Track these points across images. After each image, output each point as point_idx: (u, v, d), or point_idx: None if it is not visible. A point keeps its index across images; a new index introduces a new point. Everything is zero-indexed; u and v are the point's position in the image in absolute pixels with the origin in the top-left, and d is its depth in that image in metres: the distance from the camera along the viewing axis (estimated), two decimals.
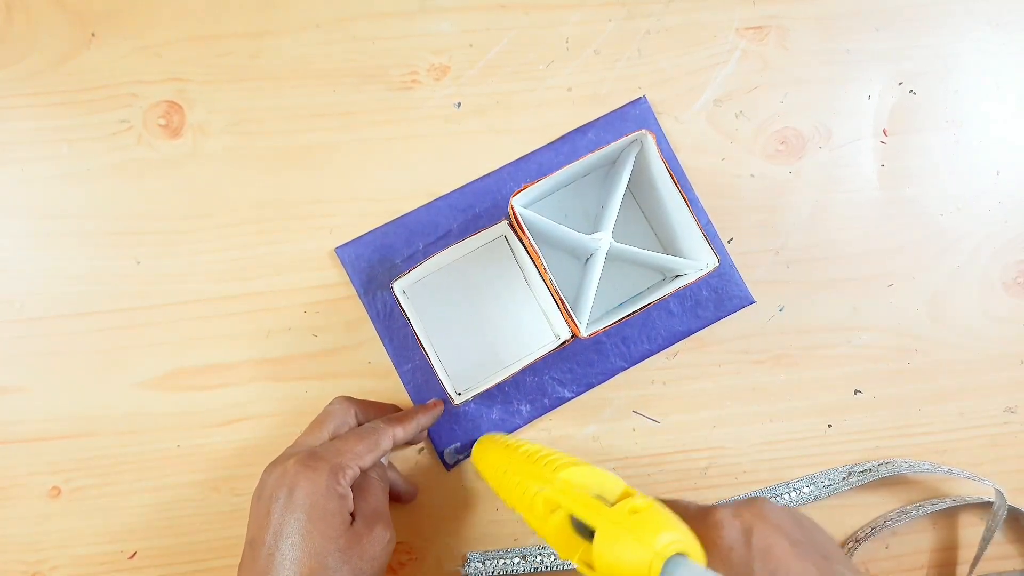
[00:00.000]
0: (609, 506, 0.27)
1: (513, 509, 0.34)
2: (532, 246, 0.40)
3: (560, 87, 0.47)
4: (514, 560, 0.45)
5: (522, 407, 0.46)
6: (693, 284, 0.42)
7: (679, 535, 0.24)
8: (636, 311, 0.40)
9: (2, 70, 0.46)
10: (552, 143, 0.47)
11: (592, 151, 0.41)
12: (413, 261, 0.46)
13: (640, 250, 0.42)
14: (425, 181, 0.47)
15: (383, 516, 0.37)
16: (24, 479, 0.45)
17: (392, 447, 0.39)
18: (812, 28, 0.48)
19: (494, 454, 0.39)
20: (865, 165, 0.48)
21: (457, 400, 0.41)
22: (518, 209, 0.39)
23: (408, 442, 0.42)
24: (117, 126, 0.46)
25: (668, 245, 0.45)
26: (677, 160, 0.47)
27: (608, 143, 0.40)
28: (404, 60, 0.47)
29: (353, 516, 0.36)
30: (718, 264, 0.40)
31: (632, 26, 0.48)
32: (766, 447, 0.47)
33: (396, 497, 0.44)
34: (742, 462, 0.47)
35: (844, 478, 0.46)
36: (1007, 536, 0.48)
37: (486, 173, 0.47)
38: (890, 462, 0.46)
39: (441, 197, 0.46)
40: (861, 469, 0.46)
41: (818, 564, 0.27)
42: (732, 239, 0.47)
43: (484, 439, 0.42)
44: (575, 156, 0.46)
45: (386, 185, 0.47)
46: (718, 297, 0.47)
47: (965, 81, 0.48)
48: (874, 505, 0.47)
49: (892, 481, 0.47)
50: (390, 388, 0.46)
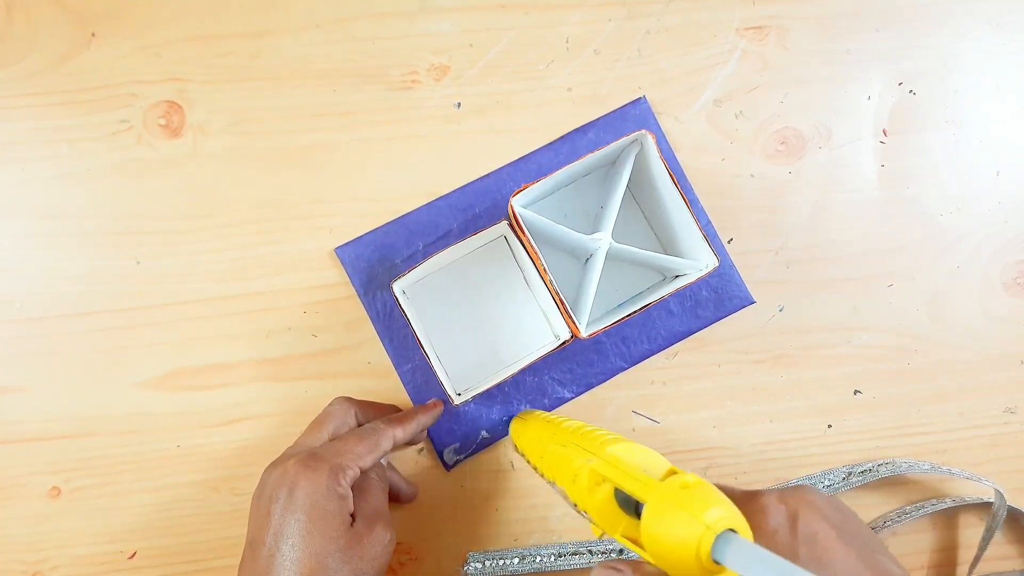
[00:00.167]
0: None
1: (553, 482, 0.34)
2: (532, 246, 0.40)
3: (560, 87, 0.47)
4: (514, 560, 0.45)
5: (522, 407, 0.46)
6: (693, 284, 0.42)
7: (729, 511, 0.24)
8: (636, 311, 0.40)
9: (2, 70, 0.46)
10: (552, 143, 0.47)
11: (592, 151, 0.41)
12: (413, 261, 0.46)
13: (640, 250, 0.42)
14: (425, 181, 0.47)
15: (383, 516, 0.37)
16: (24, 479, 0.45)
17: (392, 447, 0.39)
18: (812, 28, 0.48)
19: (535, 427, 0.39)
20: (865, 165, 0.48)
21: (457, 400, 0.41)
22: (518, 209, 0.39)
23: (408, 442, 0.42)
24: (117, 126, 0.46)
25: (668, 245, 0.45)
26: (677, 160, 0.47)
27: (608, 143, 0.40)
28: (404, 60, 0.47)
29: (353, 517, 0.36)
30: (718, 264, 0.40)
31: (632, 26, 0.48)
32: (766, 447, 0.47)
33: (396, 497, 0.44)
34: (742, 462, 0.47)
35: (844, 478, 0.46)
36: (1007, 536, 0.48)
37: (486, 173, 0.47)
38: (890, 462, 0.46)
39: (441, 197, 0.46)
40: (861, 469, 0.46)
41: (862, 553, 0.27)
42: (732, 239, 0.47)
43: (523, 413, 0.43)
44: (575, 156, 0.46)
45: (386, 185, 0.47)
46: (718, 297, 0.47)
47: (965, 81, 0.48)
48: (874, 505, 0.47)
49: (892, 481, 0.47)
50: (390, 388, 0.46)
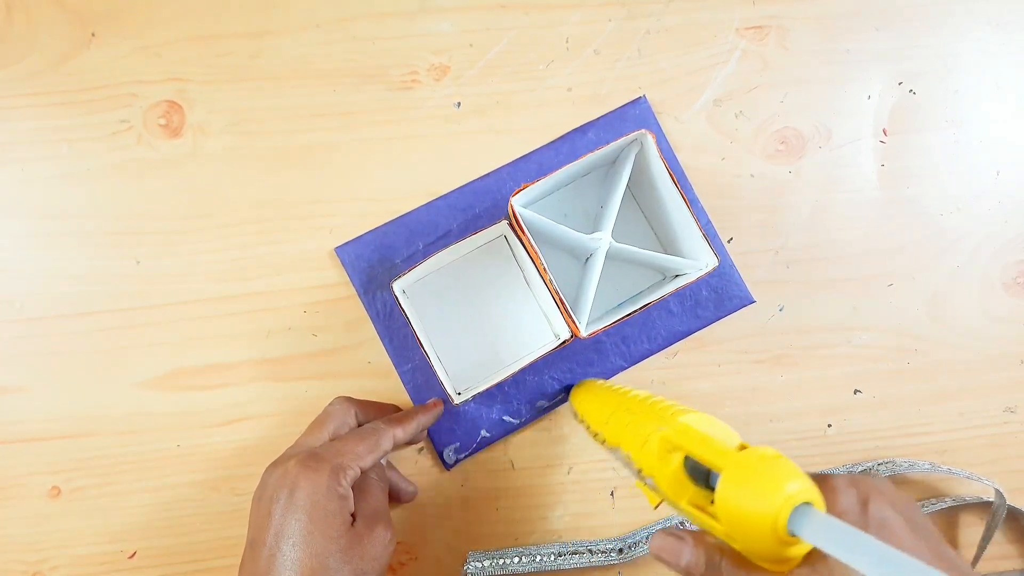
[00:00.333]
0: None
1: (616, 448, 0.34)
2: (532, 246, 0.40)
3: (560, 87, 0.47)
4: (514, 560, 0.45)
5: (522, 407, 0.46)
6: (693, 284, 0.42)
7: (808, 485, 0.24)
8: (636, 311, 0.40)
9: (2, 70, 0.46)
10: (552, 143, 0.47)
11: (592, 151, 0.41)
12: (413, 261, 0.46)
13: (640, 250, 0.42)
14: (425, 181, 0.47)
15: (383, 516, 0.37)
16: (24, 479, 0.45)
17: (392, 447, 0.39)
18: (812, 28, 0.48)
19: (601, 394, 0.39)
20: (865, 165, 0.48)
21: (457, 400, 0.41)
22: (518, 209, 0.39)
23: (408, 442, 0.42)
24: (117, 126, 0.46)
25: (668, 245, 0.45)
26: (677, 160, 0.47)
27: (608, 143, 0.40)
28: (404, 60, 0.47)
29: (354, 517, 0.36)
30: (718, 264, 0.40)
31: (632, 26, 0.48)
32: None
33: (396, 497, 0.44)
34: None
35: None
36: (1007, 536, 0.48)
37: (486, 173, 0.47)
38: (890, 462, 0.46)
39: (441, 197, 0.46)
40: (861, 469, 0.46)
41: (930, 543, 0.27)
42: (732, 239, 0.47)
43: (586, 382, 0.43)
44: (575, 156, 0.46)
45: (386, 185, 0.47)
46: (718, 297, 0.47)
47: (965, 81, 0.48)
48: None
49: (892, 481, 0.47)
50: (390, 388, 0.46)
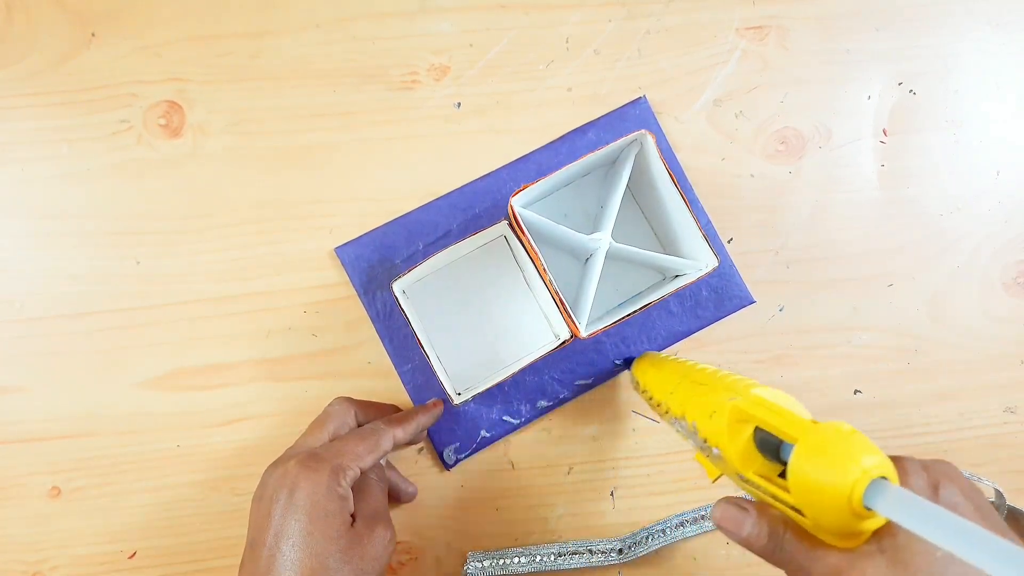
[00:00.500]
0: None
1: (680, 417, 0.34)
2: (532, 246, 0.39)
3: (560, 87, 0.47)
4: (514, 560, 0.45)
5: (522, 407, 0.46)
6: (693, 284, 0.42)
7: (885, 461, 0.24)
8: (636, 311, 0.40)
9: (2, 70, 0.46)
10: (552, 143, 0.47)
11: (592, 151, 0.41)
12: (413, 261, 0.46)
13: (640, 250, 0.42)
14: (425, 181, 0.47)
15: (383, 516, 0.37)
16: (24, 479, 0.45)
17: (392, 448, 0.39)
18: (812, 28, 0.48)
19: (668, 364, 0.40)
20: (865, 165, 0.48)
21: (457, 400, 0.41)
22: (518, 209, 0.39)
23: (408, 442, 0.42)
24: (117, 126, 0.46)
25: (668, 245, 0.45)
26: (677, 160, 0.47)
27: (608, 143, 0.40)
28: (404, 60, 0.47)
29: (353, 517, 0.36)
30: (718, 264, 0.40)
31: (632, 26, 0.48)
32: None
33: (396, 497, 0.44)
34: None
35: None
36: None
37: (486, 173, 0.47)
38: None
39: (441, 197, 0.46)
40: None
41: (998, 532, 0.26)
42: (732, 239, 0.47)
43: (649, 354, 0.44)
44: (575, 156, 0.46)
45: (386, 185, 0.47)
46: (718, 297, 0.47)
47: (965, 81, 0.48)
48: None
49: None
50: (390, 388, 0.46)
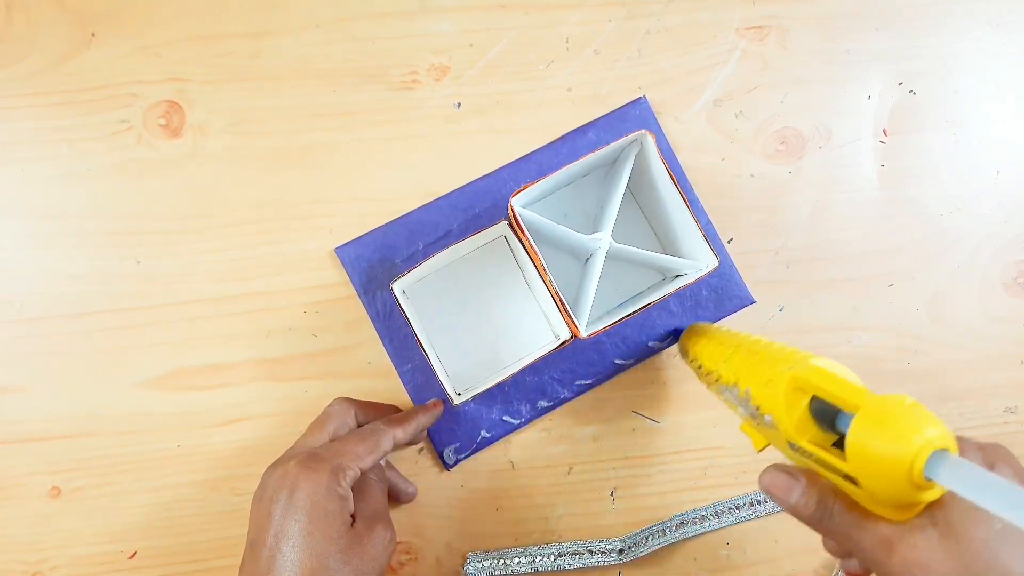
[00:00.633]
0: None
1: (732, 385, 0.34)
2: (532, 246, 0.39)
3: (560, 87, 0.47)
4: (514, 560, 0.45)
5: (522, 407, 0.46)
6: (693, 284, 0.42)
7: (946, 432, 0.25)
8: (636, 311, 0.40)
9: (2, 70, 0.46)
10: (552, 143, 0.47)
11: (592, 151, 0.41)
12: (413, 261, 0.46)
13: (640, 250, 0.42)
14: (425, 181, 0.47)
15: (383, 516, 0.37)
16: (24, 479, 0.45)
17: (392, 448, 0.39)
18: (812, 28, 0.48)
19: (721, 334, 0.40)
20: (865, 165, 0.48)
21: (457, 400, 0.41)
22: (518, 209, 0.39)
23: (408, 442, 0.42)
24: (117, 126, 0.46)
25: (668, 245, 0.45)
26: (677, 160, 0.47)
27: (608, 143, 0.40)
28: (404, 60, 0.47)
29: (353, 517, 0.36)
30: (718, 264, 0.40)
31: (632, 26, 0.48)
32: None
33: (396, 497, 0.44)
34: (742, 462, 0.47)
35: None
36: None
37: (486, 173, 0.47)
38: None
39: (441, 197, 0.46)
40: None
41: None
42: (732, 239, 0.47)
43: (699, 324, 0.44)
44: (575, 156, 0.46)
45: (386, 185, 0.47)
46: (718, 297, 0.47)
47: (965, 81, 0.48)
48: None
49: None
50: (390, 388, 0.46)
